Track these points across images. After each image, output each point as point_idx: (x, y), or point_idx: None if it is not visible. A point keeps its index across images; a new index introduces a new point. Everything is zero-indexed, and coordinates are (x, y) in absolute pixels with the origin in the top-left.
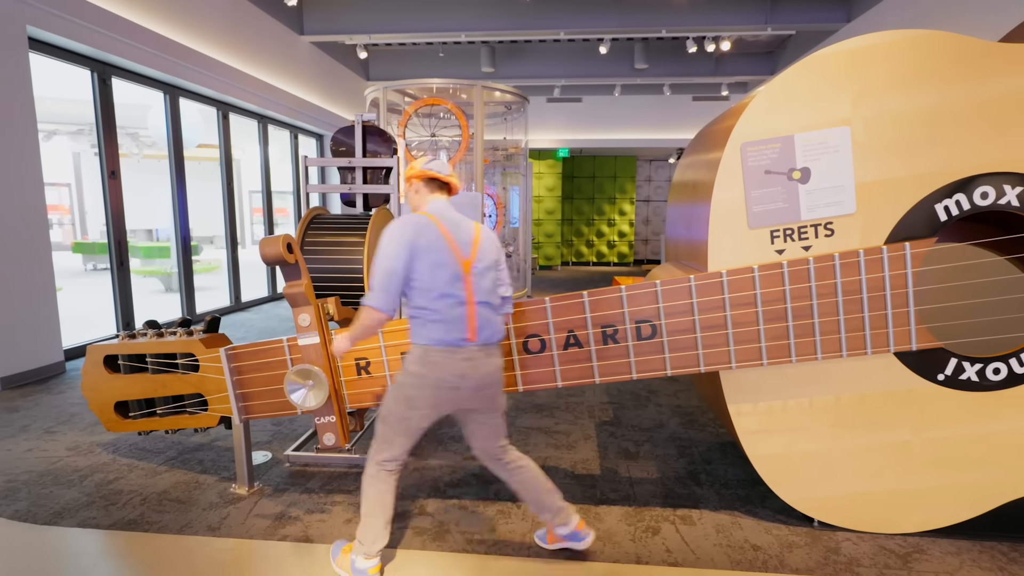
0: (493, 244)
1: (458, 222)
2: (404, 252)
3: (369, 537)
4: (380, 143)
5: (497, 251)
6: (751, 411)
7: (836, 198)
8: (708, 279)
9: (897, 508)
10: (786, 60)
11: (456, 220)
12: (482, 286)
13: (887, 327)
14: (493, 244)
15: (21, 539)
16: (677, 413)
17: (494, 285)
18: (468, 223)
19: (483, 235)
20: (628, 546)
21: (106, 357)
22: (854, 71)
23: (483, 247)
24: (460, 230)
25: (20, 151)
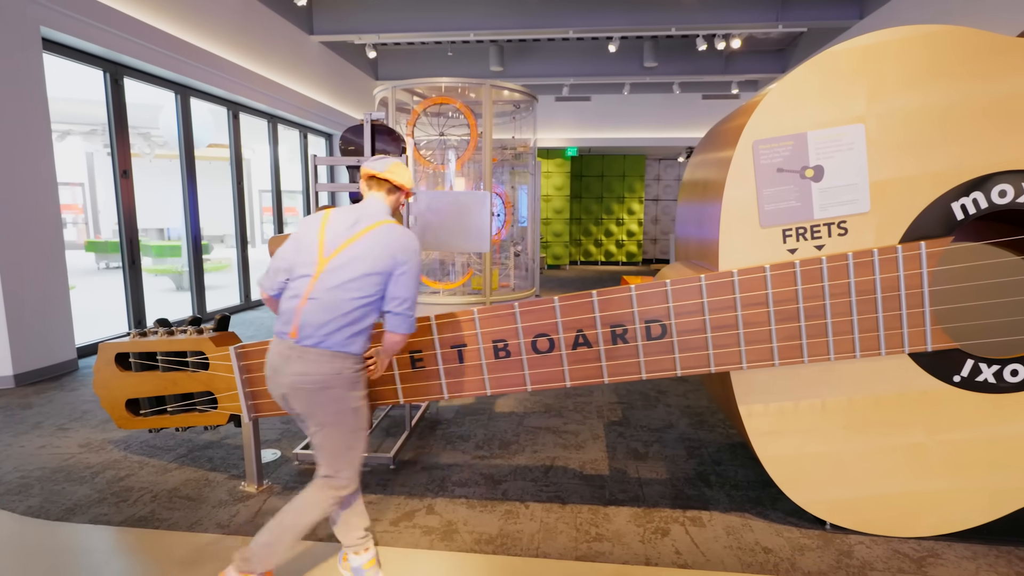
0: (378, 253)
1: (354, 221)
2: (291, 243)
3: (347, 538)
4: (389, 142)
5: (385, 262)
6: (762, 412)
7: (850, 196)
8: (719, 278)
9: (911, 511)
10: (797, 58)
11: (353, 219)
12: (328, 286)
13: (901, 328)
14: (378, 253)
15: (34, 535)
16: (687, 414)
17: (361, 294)
18: (364, 224)
19: (369, 240)
20: (637, 547)
21: (117, 355)
22: (868, 67)
23: (357, 252)
24: (345, 228)
25: (34, 151)
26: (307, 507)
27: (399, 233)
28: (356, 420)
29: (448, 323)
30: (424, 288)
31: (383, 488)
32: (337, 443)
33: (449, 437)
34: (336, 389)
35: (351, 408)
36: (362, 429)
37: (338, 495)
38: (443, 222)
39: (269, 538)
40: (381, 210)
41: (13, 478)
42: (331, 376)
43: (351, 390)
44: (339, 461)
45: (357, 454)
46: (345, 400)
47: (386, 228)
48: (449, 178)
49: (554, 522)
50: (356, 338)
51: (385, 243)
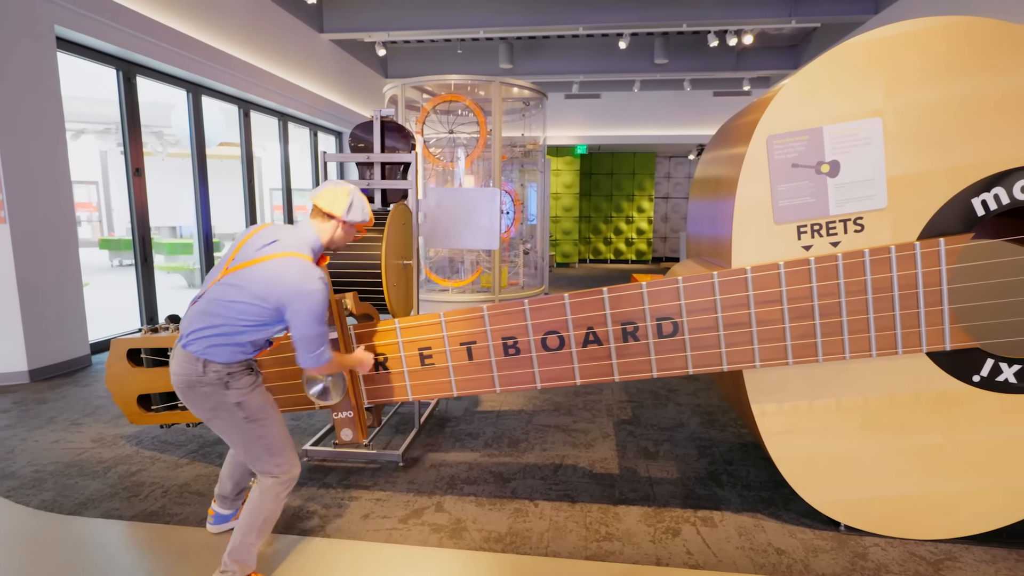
0: (264, 287)
1: (269, 242)
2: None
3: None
4: (399, 139)
5: (271, 299)
6: (775, 411)
7: (867, 192)
8: (732, 275)
9: (928, 513)
10: (810, 54)
11: (270, 240)
12: (217, 297)
13: (919, 326)
14: (264, 287)
15: (47, 529)
16: (697, 413)
17: (245, 316)
18: (272, 251)
19: (263, 270)
20: (648, 547)
21: (129, 351)
22: (886, 60)
23: (250, 276)
24: (259, 247)
25: (49, 149)
26: (256, 505)
27: (292, 274)
28: (245, 413)
29: (457, 320)
30: (433, 286)
31: (392, 485)
32: (238, 437)
33: (458, 435)
34: (204, 387)
35: (231, 404)
36: (262, 420)
37: (278, 483)
38: (453, 219)
39: (234, 543)
40: (302, 239)
41: (27, 472)
42: (195, 376)
43: (223, 388)
44: (252, 453)
45: (273, 443)
46: (218, 396)
47: (281, 264)
48: (458, 176)
49: (563, 521)
50: (225, 349)
51: (272, 281)
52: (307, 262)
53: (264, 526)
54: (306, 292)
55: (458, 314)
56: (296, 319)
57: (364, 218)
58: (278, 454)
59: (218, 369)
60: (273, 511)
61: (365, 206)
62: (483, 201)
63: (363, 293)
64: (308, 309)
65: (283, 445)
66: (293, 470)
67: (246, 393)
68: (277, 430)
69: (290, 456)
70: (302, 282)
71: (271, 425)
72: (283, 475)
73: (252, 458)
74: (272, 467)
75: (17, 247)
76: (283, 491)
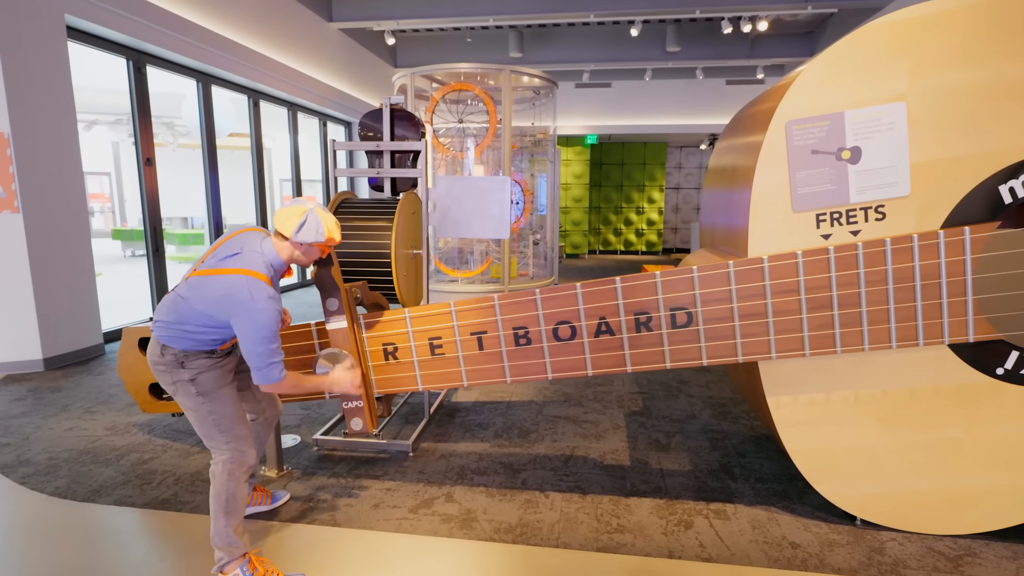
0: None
1: (233, 254)
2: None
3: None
4: (408, 127)
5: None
6: (791, 404)
7: (889, 179)
8: (748, 265)
9: (947, 508)
10: (826, 41)
11: (235, 252)
12: (183, 294)
13: (942, 317)
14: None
15: (62, 516)
16: (709, 404)
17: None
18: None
19: (217, 284)
20: (660, 539)
21: (140, 340)
22: (911, 42)
23: (208, 286)
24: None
25: (61, 139)
26: (215, 485)
27: (239, 294)
28: (197, 388)
29: (467, 310)
30: (442, 276)
31: (402, 476)
32: (193, 414)
33: (468, 425)
34: (162, 366)
35: (186, 380)
36: (213, 395)
37: (228, 461)
38: (463, 207)
39: (213, 530)
40: (263, 256)
41: (42, 459)
42: (155, 357)
43: (179, 367)
44: (204, 429)
45: (223, 420)
46: (175, 373)
47: (233, 281)
48: (468, 165)
49: (574, 512)
50: (183, 340)
51: (221, 296)
52: (258, 281)
53: (228, 506)
54: (251, 311)
55: (468, 303)
56: (242, 336)
57: (316, 239)
58: (227, 431)
59: (176, 353)
60: (232, 490)
61: (320, 227)
62: (494, 190)
63: (373, 282)
64: (252, 327)
65: (232, 423)
66: (243, 448)
67: (200, 371)
68: (229, 408)
69: (239, 434)
70: (247, 301)
71: (222, 403)
72: (230, 452)
73: (205, 435)
74: (222, 444)
75: (31, 237)
76: (236, 469)
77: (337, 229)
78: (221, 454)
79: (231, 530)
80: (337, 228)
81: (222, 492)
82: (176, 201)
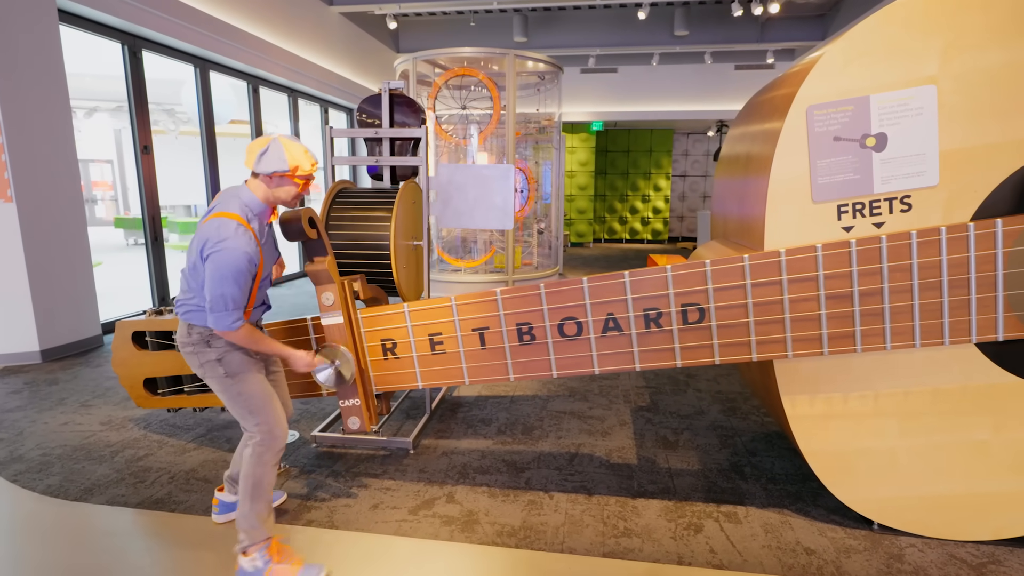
0: (194, 247)
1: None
2: None
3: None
4: (408, 113)
5: (196, 255)
6: (807, 403)
7: (916, 168)
8: (764, 259)
9: (970, 513)
10: (839, 23)
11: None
12: (186, 267)
13: (969, 314)
14: (194, 247)
15: (52, 515)
16: (718, 400)
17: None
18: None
19: (198, 232)
20: (669, 544)
21: (134, 333)
22: (945, 20)
23: (194, 240)
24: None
25: (54, 125)
26: (244, 467)
27: (210, 232)
28: (225, 369)
29: (469, 304)
30: (446, 266)
31: (402, 474)
32: (224, 396)
33: (470, 421)
34: (190, 347)
35: (212, 360)
36: (241, 376)
37: (259, 444)
38: (465, 197)
39: (237, 514)
40: (238, 199)
41: (35, 455)
42: (184, 338)
43: (205, 346)
44: (236, 410)
45: (253, 402)
46: (203, 354)
47: (207, 225)
48: (471, 153)
49: (580, 514)
50: (199, 314)
51: (198, 242)
52: (231, 220)
53: (256, 491)
54: (216, 250)
55: (470, 298)
56: (206, 275)
57: (279, 167)
58: (258, 412)
59: (201, 331)
60: (261, 475)
61: (282, 154)
62: (497, 179)
63: (371, 275)
64: (216, 265)
65: (263, 405)
66: (274, 430)
67: (227, 351)
68: (257, 388)
69: (270, 416)
70: (215, 238)
71: (251, 384)
72: (261, 435)
73: (237, 416)
74: (252, 426)
75: (25, 226)
76: (265, 452)
77: (307, 157)
78: (251, 436)
79: (255, 515)
80: (307, 156)
81: (249, 476)
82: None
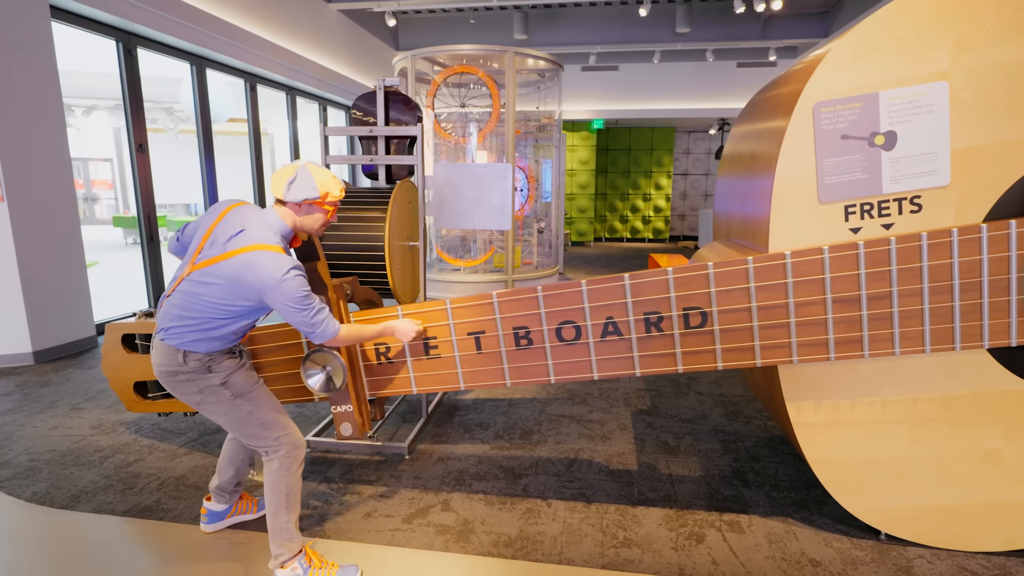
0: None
1: (236, 233)
2: (195, 224)
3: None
4: (404, 110)
5: (247, 294)
6: (812, 410)
7: (926, 167)
8: (769, 261)
9: (981, 524)
10: (842, 20)
11: (237, 230)
12: (189, 291)
13: (982, 319)
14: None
15: (37, 524)
16: (720, 403)
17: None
18: (238, 244)
19: (232, 267)
20: (670, 555)
21: (124, 336)
22: (957, 13)
23: (222, 273)
24: (225, 239)
25: (46, 124)
26: (272, 482)
27: (265, 270)
28: (232, 391)
29: (465, 308)
30: (445, 266)
31: (396, 481)
32: (231, 417)
33: (467, 425)
34: (186, 375)
35: (216, 384)
36: (250, 394)
37: (283, 456)
38: (461, 197)
39: (271, 529)
40: (269, 226)
41: (22, 461)
42: (176, 366)
43: (206, 372)
44: (248, 430)
45: (266, 416)
46: (202, 380)
47: (252, 258)
48: (470, 151)
49: (578, 523)
50: (204, 342)
51: (248, 277)
52: (276, 253)
53: (289, 501)
54: (283, 284)
55: (465, 301)
56: (282, 309)
57: (309, 194)
58: (274, 427)
59: (199, 358)
60: (292, 485)
61: (311, 181)
62: (495, 178)
63: (365, 277)
64: (290, 299)
65: (277, 417)
66: (295, 438)
67: (230, 372)
68: (268, 403)
69: (288, 425)
70: (275, 275)
71: (260, 399)
72: (284, 447)
73: (249, 435)
74: (272, 441)
75: (16, 226)
76: (291, 463)
77: (335, 183)
78: (274, 451)
79: (292, 524)
80: (336, 182)
81: (281, 488)
82: (176, 187)
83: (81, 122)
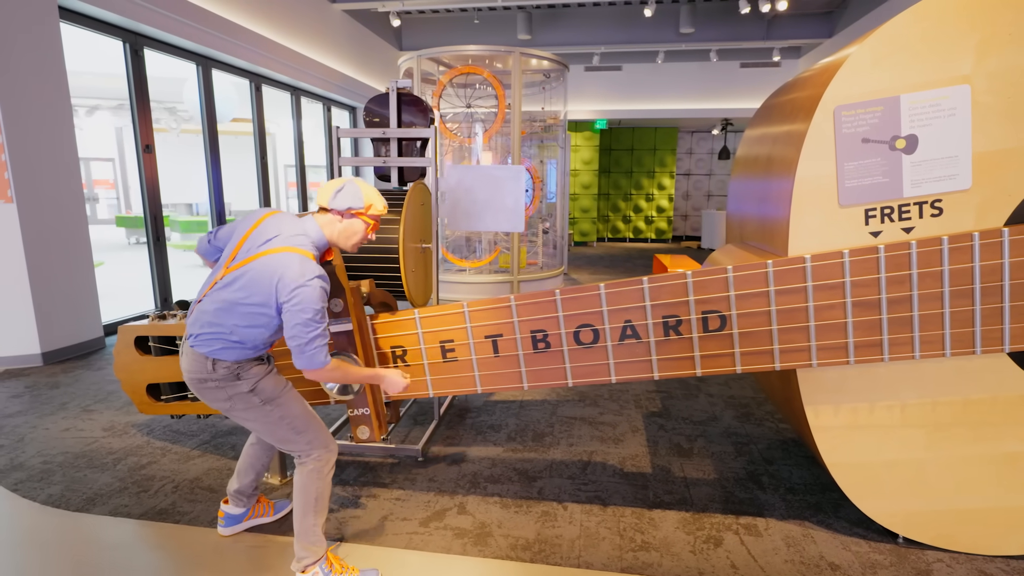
0: (263, 283)
1: (272, 237)
2: (231, 227)
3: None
4: (416, 113)
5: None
6: (832, 413)
7: (948, 171)
8: (789, 265)
9: (1000, 527)
10: (846, 21)
11: (273, 235)
12: (221, 297)
13: (1003, 323)
14: (263, 283)
15: (54, 527)
16: (731, 405)
17: (246, 322)
18: (271, 245)
19: (260, 266)
20: (688, 558)
21: (137, 338)
22: (978, 17)
23: (250, 274)
24: (261, 241)
25: (55, 124)
26: (303, 485)
27: (289, 270)
28: (261, 397)
29: (482, 311)
30: (450, 266)
31: (411, 483)
32: (261, 423)
33: (479, 427)
34: (215, 382)
35: (245, 392)
36: (279, 399)
37: (315, 460)
38: (474, 199)
39: (297, 531)
40: (305, 233)
41: (36, 463)
42: (205, 373)
43: (235, 379)
44: (279, 435)
45: (297, 421)
46: (232, 387)
47: (278, 259)
48: (476, 152)
49: (595, 527)
50: (233, 351)
51: (270, 277)
52: (305, 257)
53: (318, 505)
54: (301, 287)
55: (483, 304)
56: (289, 315)
57: (354, 203)
58: (305, 431)
59: (228, 366)
60: (322, 488)
61: (358, 192)
62: (508, 180)
63: (379, 279)
64: (300, 305)
65: (308, 421)
66: (328, 442)
67: (258, 379)
68: (298, 407)
69: (319, 429)
70: (297, 277)
71: (290, 403)
72: (316, 451)
73: (281, 440)
74: (303, 445)
75: (25, 227)
76: (323, 467)
77: (380, 198)
78: (306, 455)
79: (318, 528)
80: (380, 197)
81: (311, 491)
82: (179, 187)
83: (84, 122)
